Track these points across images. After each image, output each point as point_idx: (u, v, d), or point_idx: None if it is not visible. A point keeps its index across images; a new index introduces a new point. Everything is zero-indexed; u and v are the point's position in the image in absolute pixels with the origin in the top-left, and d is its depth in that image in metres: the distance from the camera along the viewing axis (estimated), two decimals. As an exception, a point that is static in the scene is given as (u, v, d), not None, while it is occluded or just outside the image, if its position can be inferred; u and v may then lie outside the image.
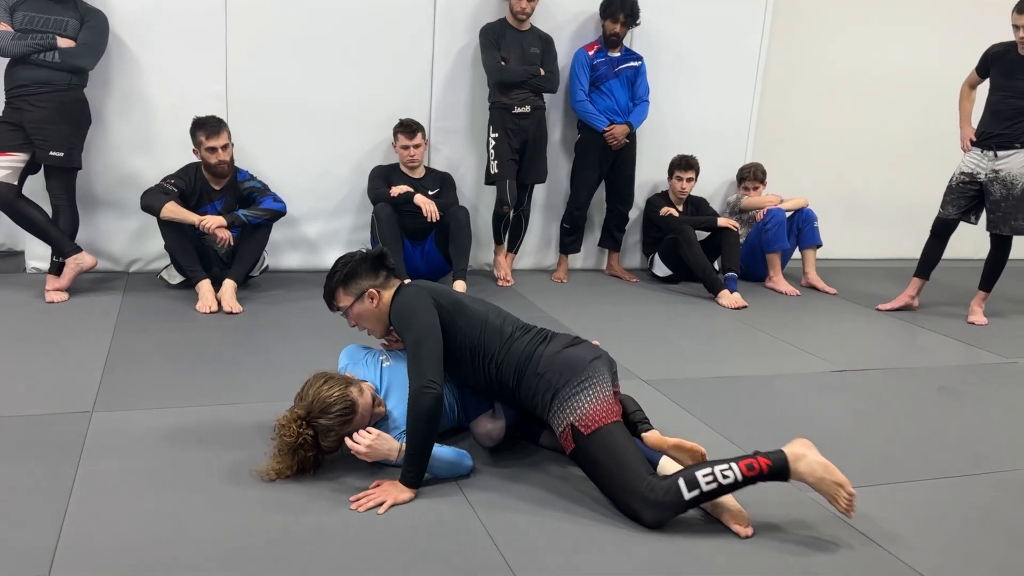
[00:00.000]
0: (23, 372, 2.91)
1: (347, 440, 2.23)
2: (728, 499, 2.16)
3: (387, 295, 2.44)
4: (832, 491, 2.08)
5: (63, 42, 3.71)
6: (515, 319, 2.51)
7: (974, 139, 4.37)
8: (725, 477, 2.06)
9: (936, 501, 2.41)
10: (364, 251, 2.48)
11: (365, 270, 2.43)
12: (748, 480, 2.07)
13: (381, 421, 2.36)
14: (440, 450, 2.26)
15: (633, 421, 2.49)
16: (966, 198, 4.40)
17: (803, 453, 2.11)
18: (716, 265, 4.85)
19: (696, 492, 2.06)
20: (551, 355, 2.33)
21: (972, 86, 4.50)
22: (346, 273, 2.42)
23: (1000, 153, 4.27)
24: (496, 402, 2.50)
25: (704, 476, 2.06)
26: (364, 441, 2.21)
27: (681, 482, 2.07)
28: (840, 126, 5.73)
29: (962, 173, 4.44)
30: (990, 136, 4.30)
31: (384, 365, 2.50)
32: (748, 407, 3.04)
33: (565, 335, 2.45)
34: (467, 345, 2.37)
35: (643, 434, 2.35)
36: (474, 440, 2.54)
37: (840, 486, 2.07)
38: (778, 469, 2.08)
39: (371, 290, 2.42)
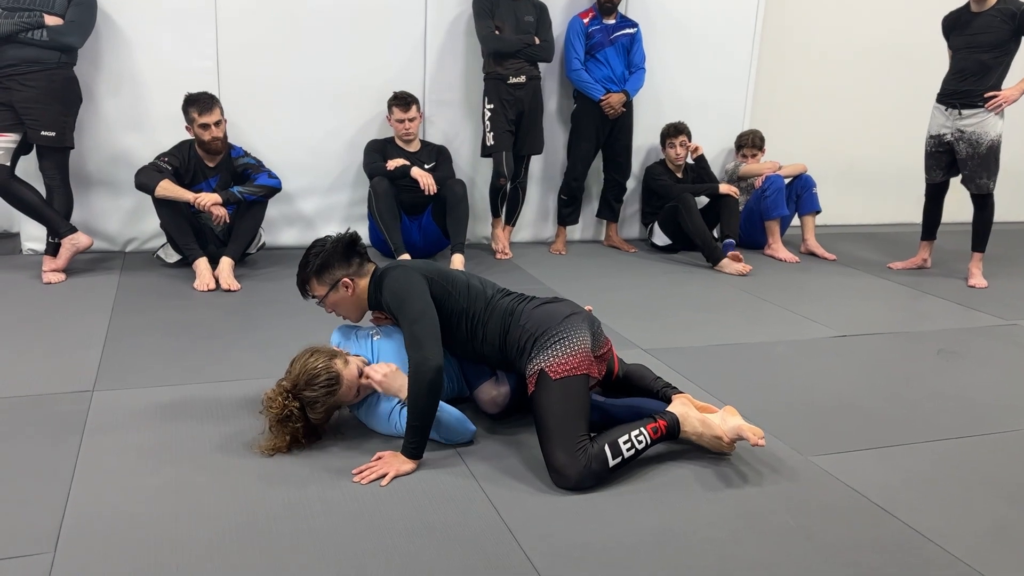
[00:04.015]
0: (22, 353, 2.91)
1: (365, 371, 2.28)
2: (738, 420, 2.31)
3: (362, 282, 2.44)
4: (714, 445, 2.32)
5: (50, 20, 3.66)
6: (493, 284, 2.53)
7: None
8: (639, 443, 2.21)
9: (935, 463, 2.42)
10: (336, 237, 2.44)
11: (338, 259, 2.41)
12: (654, 442, 2.25)
13: (374, 393, 2.37)
14: (443, 413, 2.27)
15: (655, 388, 2.50)
16: (945, 159, 4.44)
17: (685, 413, 2.32)
18: (714, 233, 4.83)
19: (619, 459, 2.17)
20: (531, 309, 2.38)
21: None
22: (319, 264, 2.40)
23: (964, 112, 4.28)
24: (497, 369, 2.51)
25: (624, 443, 2.18)
26: (380, 371, 2.26)
27: (607, 449, 2.15)
28: (837, 92, 5.69)
29: (931, 137, 4.48)
30: (955, 93, 4.31)
31: (375, 339, 2.51)
32: (749, 374, 3.05)
33: (545, 297, 2.49)
34: (457, 310, 2.38)
35: (673, 396, 2.39)
36: (478, 409, 2.54)
37: (718, 439, 2.29)
38: (671, 429, 2.28)
39: (345, 279, 2.41)
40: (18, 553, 1.77)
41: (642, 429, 2.21)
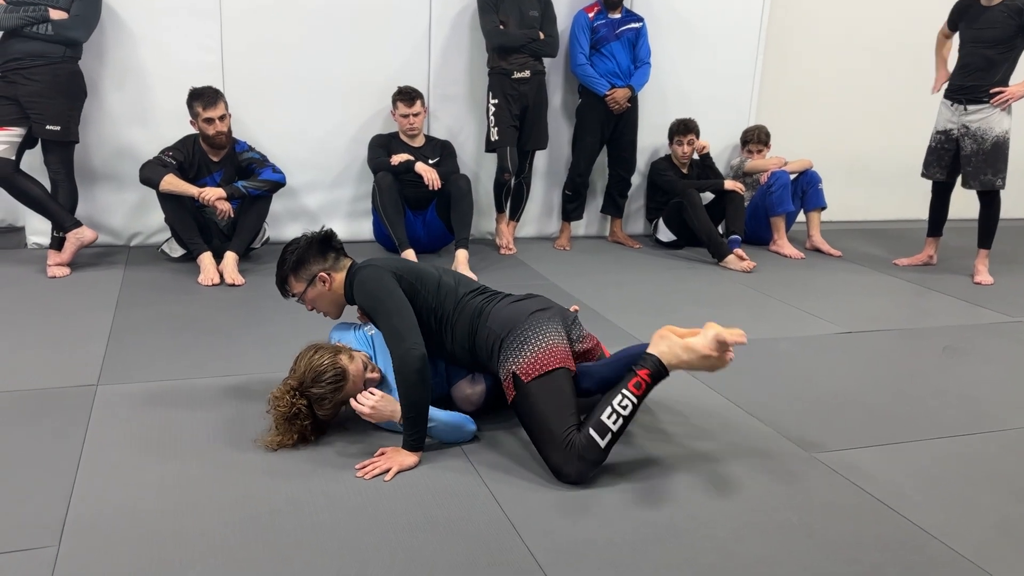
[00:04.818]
0: (27, 347, 2.91)
1: (352, 401, 2.25)
2: (716, 329, 2.16)
3: (339, 276, 2.45)
4: (705, 364, 2.18)
5: (55, 14, 3.66)
6: (469, 281, 2.51)
7: (947, 83, 4.38)
8: (624, 408, 2.13)
9: (940, 459, 2.41)
10: (311, 235, 2.47)
11: (314, 254, 2.44)
12: (642, 397, 2.16)
13: (378, 386, 2.37)
14: (442, 414, 2.27)
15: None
16: (949, 156, 4.41)
17: (665, 349, 2.19)
18: (720, 229, 4.82)
19: (608, 436, 2.12)
20: (499, 309, 2.36)
21: (947, 36, 4.50)
22: (295, 260, 2.43)
23: (970, 107, 4.26)
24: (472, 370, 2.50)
25: (609, 418, 2.12)
26: (368, 402, 2.23)
27: (593, 433, 2.11)
28: (843, 88, 5.67)
29: (938, 132, 4.46)
30: (961, 89, 4.30)
31: (370, 334, 2.51)
32: (753, 370, 3.04)
33: (518, 294, 2.46)
34: (426, 309, 2.37)
35: (654, 335, 2.27)
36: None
37: (707, 357, 2.16)
38: (657, 373, 2.18)
39: (322, 274, 2.43)
40: (22, 547, 1.78)
41: (623, 392, 2.14)
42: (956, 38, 4.42)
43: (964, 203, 4.84)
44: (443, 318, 2.38)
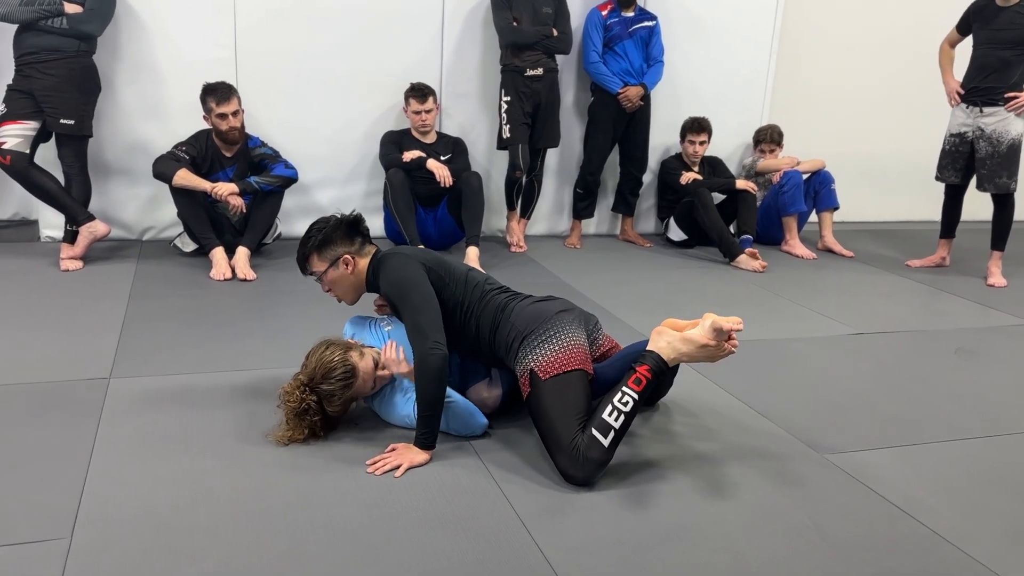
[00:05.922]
0: (40, 340, 2.93)
1: (383, 360, 2.29)
2: (712, 317, 2.15)
3: (362, 262, 2.46)
4: (705, 354, 2.17)
5: (70, 7, 3.68)
6: (494, 280, 2.52)
7: (961, 91, 4.34)
8: (625, 405, 2.11)
9: (952, 462, 2.40)
10: (339, 216, 2.47)
11: (340, 236, 2.44)
12: (642, 394, 2.14)
13: (389, 383, 2.38)
14: (454, 403, 2.27)
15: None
16: (963, 158, 4.38)
17: (664, 344, 2.19)
18: (731, 229, 4.80)
19: (611, 434, 2.10)
20: (523, 307, 2.37)
21: (952, 44, 4.47)
22: (321, 239, 2.42)
23: (986, 109, 4.23)
24: (493, 370, 2.50)
25: (610, 416, 2.10)
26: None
27: (596, 432, 2.10)
28: (856, 87, 5.64)
29: (952, 135, 4.42)
30: (976, 90, 4.27)
31: (387, 329, 2.51)
32: (764, 370, 3.03)
33: (541, 295, 2.47)
34: (452, 302, 2.37)
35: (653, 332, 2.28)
36: None
37: (705, 346, 2.15)
38: (657, 369, 2.16)
39: (346, 256, 2.43)
40: (35, 538, 1.79)
41: (623, 389, 2.13)
42: (964, 43, 4.38)
43: (977, 205, 4.80)
44: (468, 311, 2.38)
